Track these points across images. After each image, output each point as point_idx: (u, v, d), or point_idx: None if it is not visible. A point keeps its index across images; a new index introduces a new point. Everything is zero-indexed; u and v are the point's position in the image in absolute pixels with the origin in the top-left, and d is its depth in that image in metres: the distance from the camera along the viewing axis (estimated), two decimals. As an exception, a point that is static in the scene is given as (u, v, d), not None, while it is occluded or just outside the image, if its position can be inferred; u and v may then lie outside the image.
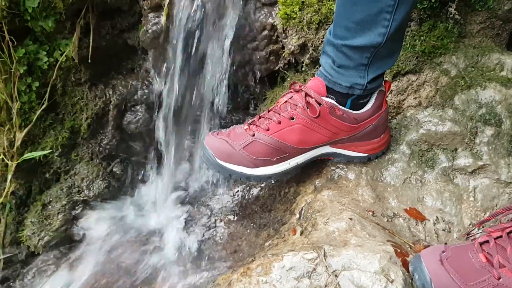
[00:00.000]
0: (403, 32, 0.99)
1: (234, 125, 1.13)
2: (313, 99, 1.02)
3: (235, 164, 1.06)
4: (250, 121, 1.10)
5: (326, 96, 1.03)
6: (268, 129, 1.05)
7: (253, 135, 1.06)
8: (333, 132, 1.07)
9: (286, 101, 1.06)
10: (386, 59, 1.00)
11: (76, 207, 1.41)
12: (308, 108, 1.03)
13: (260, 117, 1.09)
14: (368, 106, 1.06)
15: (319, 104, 1.02)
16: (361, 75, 0.99)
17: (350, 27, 0.94)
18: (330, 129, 1.06)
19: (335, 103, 1.03)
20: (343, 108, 1.04)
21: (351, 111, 1.05)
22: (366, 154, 1.12)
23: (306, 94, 1.03)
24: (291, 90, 1.07)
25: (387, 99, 1.21)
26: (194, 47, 1.27)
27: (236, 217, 1.27)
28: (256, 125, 1.07)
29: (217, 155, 1.07)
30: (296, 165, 1.10)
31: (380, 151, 1.13)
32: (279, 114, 1.06)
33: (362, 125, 1.07)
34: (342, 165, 1.16)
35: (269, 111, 1.08)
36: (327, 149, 1.11)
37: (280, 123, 1.05)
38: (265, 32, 1.31)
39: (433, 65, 1.19)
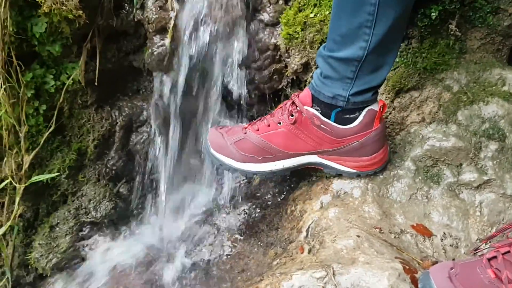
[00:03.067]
0: (388, 48, 1.00)
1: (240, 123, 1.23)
2: (296, 107, 1.08)
3: (225, 155, 1.15)
4: (252, 122, 1.18)
5: (311, 106, 1.07)
6: (258, 130, 1.13)
7: (245, 133, 1.14)
8: (316, 141, 1.10)
9: (280, 107, 1.12)
10: (372, 75, 1.02)
11: (84, 229, 1.41)
12: (293, 116, 1.09)
13: (260, 119, 1.16)
14: (355, 123, 1.07)
15: (302, 113, 1.07)
16: (345, 87, 1.02)
17: (336, 40, 0.98)
18: (313, 138, 1.10)
19: (317, 113, 1.06)
20: (324, 119, 1.07)
21: (335, 124, 1.07)
22: (355, 171, 1.14)
23: (293, 102, 1.09)
24: (290, 98, 1.13)
25: (390, 116, 1.22)
26: (199, 69, 1.30)
27: (243, 236, 1.27)
28: (252, 125, 1.15)
29: (212, 145, 1.17)
30: (283, 167, 1.14)
31: (371, 169, 1.13)
32: (271, 118, 1.12)
33: (347, 140, 1.09)
34: (347, 182, 1.17)
35: (268, 115, 1.16)
36: (315, 158, 1.14)
37: (269, 126, 1.12)
38: (269, 52, 1.33)
39: (435, 81, 1.21)
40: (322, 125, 1.07)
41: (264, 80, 1.37)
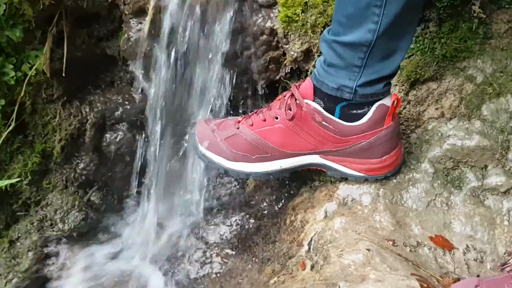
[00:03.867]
0: (402, 31, 1.00)
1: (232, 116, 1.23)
2: (295, 100, 1.07)
3: (215, 153, 1.15)
4: (247, 115, 1.18)
5: (313, 100, 1.07)
6: (252, 125, 1.13)
7: (238, 128, 1.14)
8: (318, 140, 1.10)
9: (278, 99, 1.12)
10: (384, 62, 1.01)
11: (49, 244, 1.40)
12: (291, 110, 1.08)
13: (256, 113, 1.16)
14: (364, 119, 1.07)
15: (302, 107, 1.07)
16: (351, 76, 1.02)
17: (342, 21, 0.98)
18: (315, 136, 1.09)
19: (319, 108, 1.06)
20: (328, 115, 1.06)
21: (340, 121, 1.07)
22: (362, 174, 1.14)
23: (292, 95, 1.08)
24: (290, 89, 1.12)
25: (404, 111, 1.22)
26: (183, 57, 1.30)
27: (235, 251, 1.28)
28: (246, 119, 1.15)
29: (200, 141, 1.17)
30: (280, 168, 1.14)
31: (381, 174, 1.13)
32: (268, 111, 1.12)
33: (353, 139, 1.09)
34: (356, 187, 1.17)
35: (265, 107, 1.15)
36: (317, 159, 1.14)
37: (265, 120, 1.12)
38: (264, 37, 1.33)
39: (456, 70, 1.21)
40: (324, 122, 1.07)
41: (259, 70, 1.37)
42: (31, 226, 1.39)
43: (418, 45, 1.22)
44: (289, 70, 1.37)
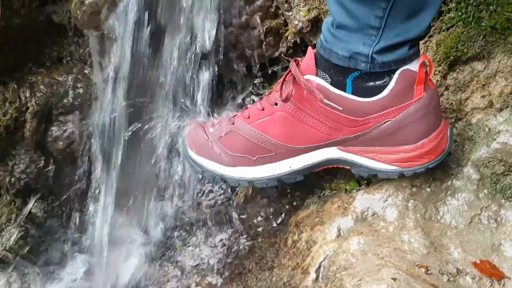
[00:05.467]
0: None
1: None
2: (293, 78, 1.08)
3: (208, 158, 1.17)
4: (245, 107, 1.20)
5: (316, 74, 1.06)
6: (249, 117, 1.14)
7: (233, 123, 1.16)
8: (330, 126, 1.10)
9: (279, 82, 1.12)
10: (409, 22, 1.00)
11: (-23, 269, 1.41)
12: (292, 91, 1.08)
13: (255, 103, 1.18)
14: (384, 92, 1.06)
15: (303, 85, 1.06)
16: (367, 41, 1.01)
17: None
18: (324, 121, 1.09)
19: (324, 83, 1.06)
20: (336, 91, 1.06)
21: (352, 97, 1.06)
22: (394, 167, 1.13)
23: (290, 71, 1.08)
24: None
25: (441, 99, 1.23)
26: (152, 25, 1.30)
27: (220, 279, 1.28)
28: (242, 112, 1.18)
29: (190, 144, 1.19)
30: (290, 170, 1.16)
31: (420, 165, 1.12)
32: (267, 98, 1.14)
33: (373, 120, 1.08)
34: (377, 198, 1.18)
35: (265, 96, 1.17)
36: (334, 153, 1.15)
37: (263, 110, 1.13)
38: (259, 2, 1.34)
39: (508, 47, 1.22)
40: (327, 100, 1.06)
41: (252, 44, 1.38)
42: (-46, 246, 1.39)
43: (460, 13, 1.23)
44: (291, 45, 1.38)
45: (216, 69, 1.38)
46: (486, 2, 1.22)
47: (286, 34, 1.35)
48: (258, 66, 1.44)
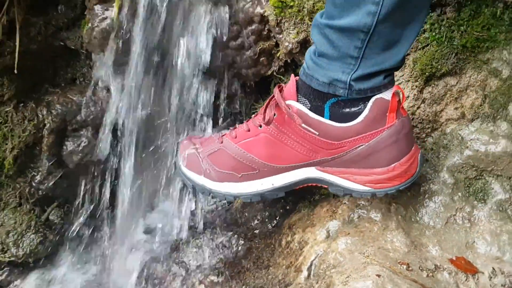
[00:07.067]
0: (408, 15, 0.97)
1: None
2: (274, 102, 1.07)
3: (198, 173, 1.17)
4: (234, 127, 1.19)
5: (297, 99, 1.06)
6: (236, 137, 1.14)
7: (222, 142, 1.15)
8: (309, 148, 1.09)
9: (265, 104, 1.11)
10: (385, 53, 0.99)
11: (0, 272, 1.40)
12: (268, 114, 1.08)
13: (242, 123, 1.17)
14: (359, 118, 1.05)
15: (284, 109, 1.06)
16: (346, 69, 1.00)
17: (336, 2, 0.95)
18: (303, 143, 1.08)
19: (303, 108, 1.05)
20: (314, 116, 1.05)
21: (329, 122, 1.06)
22: (368, 188, 1.11)
23: (273, 96, 1.08)
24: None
25: (418, 111, 1.23)
26: (158, 49, 1.30)
27: (221, 278, 1.28)
28: (230, 132, 1.17)
29: (183, 160, 1.19)
30: (272, 187, 1.15)
31: (391, 186, 1.10)
32: (253, 120, 1.13)
33: (348, 144, 1.07)
34: (363, 202, 1.18)
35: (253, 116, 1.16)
36: (313, 172, 1.13)
37: (248, 130, 1.13)
38: (253, 26, 1.33)
39: (478, 63, 1.22)
40: (305, 125, 1.06)
41: (247, 64, 1.38)
42: (-21, 251, 1.38)
43: (434, 34, 1.22)
44: (282, 64, 1.38)
45: (214, 87, 1.37)
46: (457, 24, 1.22)
47: (278, 55, 1.35)
48: (253, 83, 1.44)
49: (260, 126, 1.10)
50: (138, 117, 1.39)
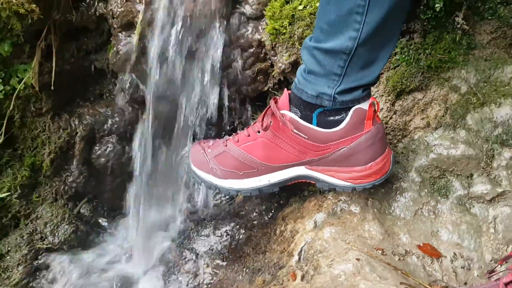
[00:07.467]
0: (383, 40, 1.00)
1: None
2: (271, 112, 1.09)
3: (206, 172, 1.19)
4: (236, 132, 1.21)
5: (289, 109, 1.08)
6: (238, 141, 1.16)
7: (226, 145, 1.17)
8: (299, 150, 1.11)
9: (263, 113, 1.13)
10: (364, 71, 1.01)
11: (39, 257, 1.40)
12: (265, 121, 1.10)
13: (243, 129, 1.19)
14: (341, 125, 1.06)
15: (278, 118, 1.08)
16: (330, 84, 1.02)
17: (323, 28, 0.98)
18: (294, 146, 1.10)
19: (294, 117, 1.07)
20: (303, 123, 1.07)
21: (317, 128, 1.07)
22: (348, 183, 1.13)
23: (269, 106, 1.10)
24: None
25: (390, 121, 1.24)
26: (172, 69, 1.31)
27: (225, 261, 1.28)
28: (233, 137, 1.18)
29: (193, 161, 1.21)
30: (268, 183, 1.16)
31: (368, 182, 1.12)
32: (252, 127, 1.15)
33: (332, 146, 1.09)
34: (345, 197, 1.18)
35: (253, 123, 1.18)
36: (303, 170, 1.15)
37: (249, 135, 1.15)
38: (252, 50, 1.34)
39: (440, 81, 1.23)
40: (296, 131, 1.07)
41: (247, 81, 1.38)
42: (21, 239, 1.38)
43: (404, 56, 1.24)
44: (277, 81, 1.39)
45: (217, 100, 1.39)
46: (423, 47, 1.23)
47: (273, 74, 1.35)
48: (251, 97, 1.45)
49: (259, 131, 1.12)
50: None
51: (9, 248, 1.38)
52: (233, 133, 1.21)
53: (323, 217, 1.17)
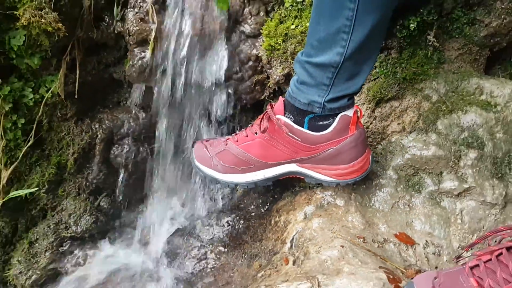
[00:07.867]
0: (366, 55, 1.00)
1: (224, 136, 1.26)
2: (268, 117, 1.08)
3: (208, 167, 1.18)
4: (235, 133, 1.20)
5: (284, 114, 1.07)
6: (237, 141, 1.14)
7: (226, 144, 1.16)
8: (291, 150, 1.10)
9: (260, 118, 1.12)
10: (349, 82, 1.01)
11: (64, 244, 1.38)
12: (264, 125, 1.09)
13: (242, 131, 1.18)
14: (329, 129, 1.06)
15: (274, 121, 1.07)
16: (320, 93, 1.01)
17: (314, 45, 0.98)
18: (288, 146, 1.09)
19: (288, 121, 1.06)
20: (296, 127, 1.06)
21: (308, 131, 1.06)
22: (333, 179, 1.12)
23: (266, 112, 1.09)
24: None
25: (371, 126, 1.23)
26: (181, 81, 1.30)
27: (227, 248, 1.26)
28: (233, 137, 1.17)
29: (196, 157, 1.20)
30: (263, 178, 1.15)
31: (350, 178, 1.11)
32: (250, 128, 1.14)
33: (321, 147, 1.08)
34: (331, 192, 1.17)
35: (250, 126, 1.17)
36: (294, 167, 1.14)
37: (247, 136, 1.13)
38: (250, 63, 1.33)
39: (414, 91, 1.22)
40: (290, 133, 1.06)
41: (246, 91, 1.37)
42: (48, 229, 1.37)
43: (382, 69, 1.23)
44: (272, 91, 1.38)
45: (223, 108, 1.38)
46: (399, 62, 1.22)
47: (268, 84, 1.35)
48: (250, 105, 1.44)
49: (256, 133, 1.11)
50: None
51: (37, 236, 1.37)
52: (233, 134, 1.20)
53: (312, 209, 1.16)
